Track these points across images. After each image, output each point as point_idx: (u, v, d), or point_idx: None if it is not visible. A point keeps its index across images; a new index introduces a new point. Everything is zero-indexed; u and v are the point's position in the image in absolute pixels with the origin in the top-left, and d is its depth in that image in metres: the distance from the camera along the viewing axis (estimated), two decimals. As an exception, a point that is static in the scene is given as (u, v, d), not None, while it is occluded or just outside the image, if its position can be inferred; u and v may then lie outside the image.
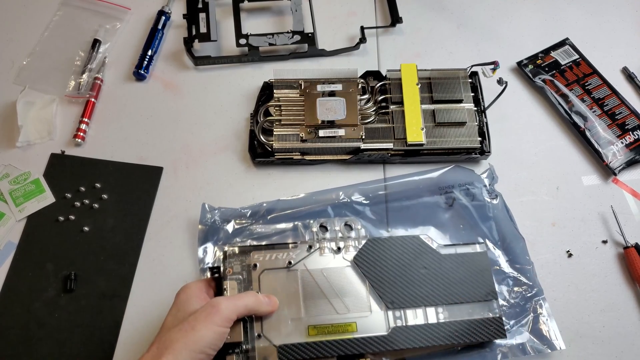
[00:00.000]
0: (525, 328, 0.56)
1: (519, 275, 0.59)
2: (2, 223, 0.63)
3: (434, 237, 0.61)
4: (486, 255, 0.57)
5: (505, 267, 0.60)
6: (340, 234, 0.57)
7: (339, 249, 0.55)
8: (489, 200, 0.64)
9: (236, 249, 0.53)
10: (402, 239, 0.56)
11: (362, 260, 0.54)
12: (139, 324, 0.59)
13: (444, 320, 0.53)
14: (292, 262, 0.53)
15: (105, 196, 0.65)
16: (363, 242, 0.55)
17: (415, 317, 0.53)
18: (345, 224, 0.58)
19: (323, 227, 0.57)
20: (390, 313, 0.52)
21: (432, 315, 0.53)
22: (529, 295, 0.58)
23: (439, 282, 0.54)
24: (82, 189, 0.65)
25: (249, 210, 0.62)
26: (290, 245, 0.54)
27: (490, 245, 0.61)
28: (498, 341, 0.55)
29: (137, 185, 0.66)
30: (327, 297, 0.52)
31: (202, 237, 0.61)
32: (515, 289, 0.59)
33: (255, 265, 0.52)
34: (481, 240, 0.61)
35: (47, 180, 0.66)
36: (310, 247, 0.55)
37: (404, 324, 0.52)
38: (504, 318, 0.55)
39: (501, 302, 0.58)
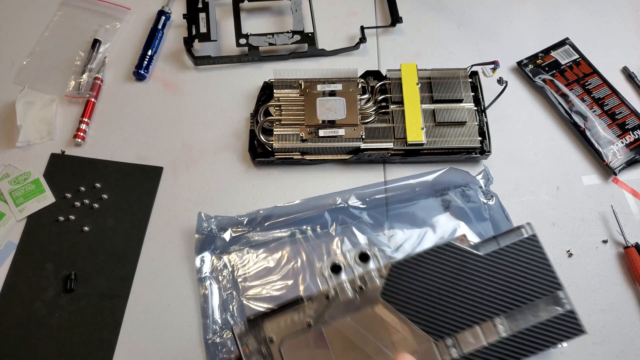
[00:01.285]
0: None
1: None
2: (2, 223, 0.63)
3: (432, 239, 0.60)
4: (537, 239, 0.48)
5: None
6: (358, 269, 0.48)
7: (360, 288, 0.47)
8: (484, 201, 0.64)
9: (243, 327, 0.46)
10: (432, 252, 0.48)
11: (391, 293, 0.46)
12: (139, 324, 0.59)
13: (506, 333, 0.45)
14: (312, 321, 0.46)
15: (105, 196, 0.65)
16: (387, 268, 0.47)
17: (471, 339, 0.45)
18: (361, 255, 0.48)
19: (336, 268, 0.48)
20: (441, 344, 0.45)
21: (490, 331, 0.45)
22: None
23: (487, 290, 0.46)
24: (82, 188, 0.65)
25: (245, 218, 0.62)
26: (305, 301, 0.47)
27: None
28: None
29: (137, 185, 0.66)
30: (364, 348, 0.45)
31: (199, 247, 0.61)
32: None
33: (271, 339, 0.46)
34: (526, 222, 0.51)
35: (47, 180, 0.66)
36: (327, 297, 0.47)
37: (461, 354, 0.44)
38: None
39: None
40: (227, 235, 0.61)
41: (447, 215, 0.63)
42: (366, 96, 0.68)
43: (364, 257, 0.48)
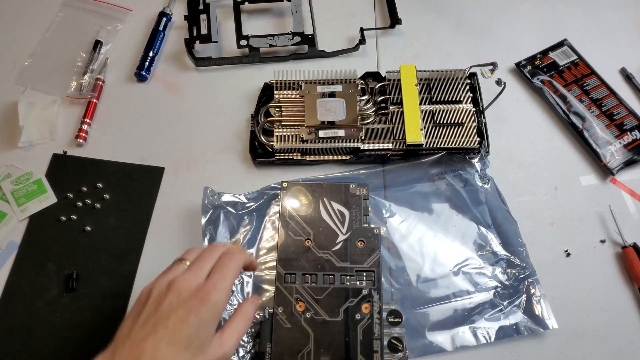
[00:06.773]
0: (518, 308, 0.58)
1: (512, 257, 0.61)
2: (5, 223, 0.63)
3: (429, 222, 0.62)
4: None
5: (499, 249, 0.61)
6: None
7: None
8: (480, 184, 0.64)
9: None
10: None
11: None
12: (141, 323, 0.59)
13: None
14: None
15: (107, 196, 0.65)
16: None
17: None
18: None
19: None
20: None
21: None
22: (522, 276, 0.59)
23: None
24: (84, 189, 0.65)
25: (254, 195, 0.64)
26: None
27: (483, 229, 0.62)
28: (492, 322, 0.56)
29: (138, 185, 0.66)
30: None
31: (206, 222, 0.61)
32: (509, 270, 0.60)
33: None
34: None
35: (49, 181, 0.66)
36: None
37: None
38: (497, 299, 0.58)
39: (495, 283, 0.59)
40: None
41: (443, 198, 0.64)
42: (366, 97, 0.68)
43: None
